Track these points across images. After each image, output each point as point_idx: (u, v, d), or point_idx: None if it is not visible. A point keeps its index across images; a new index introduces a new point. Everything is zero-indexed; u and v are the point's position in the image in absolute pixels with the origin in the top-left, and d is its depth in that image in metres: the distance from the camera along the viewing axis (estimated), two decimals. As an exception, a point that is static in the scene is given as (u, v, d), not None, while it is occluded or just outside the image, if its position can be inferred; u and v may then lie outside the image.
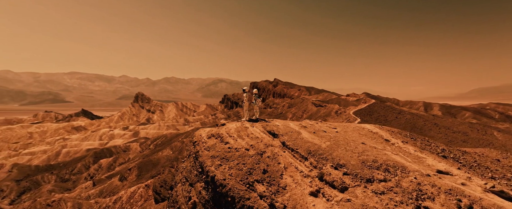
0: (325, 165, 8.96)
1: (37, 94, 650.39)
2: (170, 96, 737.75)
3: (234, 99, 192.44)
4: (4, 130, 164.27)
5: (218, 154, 10.75)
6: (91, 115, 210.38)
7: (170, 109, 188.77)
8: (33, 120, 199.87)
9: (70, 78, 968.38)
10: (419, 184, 7.55)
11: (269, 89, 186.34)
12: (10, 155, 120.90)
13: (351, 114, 64.35)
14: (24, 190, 73.04)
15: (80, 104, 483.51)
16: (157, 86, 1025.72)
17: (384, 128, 14.06)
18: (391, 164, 8.66)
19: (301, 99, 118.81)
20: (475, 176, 9.17)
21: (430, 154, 10.76)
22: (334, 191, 7.92)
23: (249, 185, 9.04)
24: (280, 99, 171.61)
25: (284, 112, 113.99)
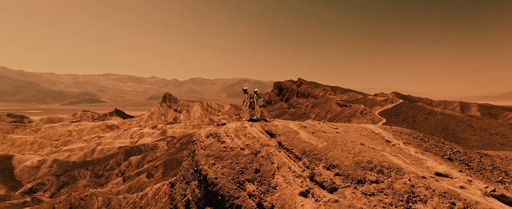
0: (318, 165, 8.95)
1: (76, 95, 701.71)
2: (196, 96, 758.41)
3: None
4: (47, 128, 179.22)
5: (213, 153, 10.86)
6: (123, 115, 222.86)
7: (195, 109, 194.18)
8: (72, 119, 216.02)
9: (105, 79, 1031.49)
10: (413, 186, 7.42)
11: (293, 89, 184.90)
12: (52, 151, 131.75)
13: (376, 115, 61.96)
14: (62, 184, 79.26)
15: (114, 104, 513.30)
16: (184, 87, 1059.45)
17: (390, 128, 13.77)
18: (386, 166, 8.54)
19: (325, 99, 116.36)
20: (478, 179, 8.83)
21: (433, 156, 10.44)
22: (324, 191, 7.91)
23: (240, 184, 9.12)
24: (304, 99, 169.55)
25: (307, 112, 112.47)
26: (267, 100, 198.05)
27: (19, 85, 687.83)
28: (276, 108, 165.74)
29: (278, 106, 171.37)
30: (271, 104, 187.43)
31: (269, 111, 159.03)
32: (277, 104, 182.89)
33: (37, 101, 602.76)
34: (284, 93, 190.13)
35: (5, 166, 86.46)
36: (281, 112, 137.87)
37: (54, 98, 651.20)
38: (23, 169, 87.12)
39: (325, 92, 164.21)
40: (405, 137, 12.74)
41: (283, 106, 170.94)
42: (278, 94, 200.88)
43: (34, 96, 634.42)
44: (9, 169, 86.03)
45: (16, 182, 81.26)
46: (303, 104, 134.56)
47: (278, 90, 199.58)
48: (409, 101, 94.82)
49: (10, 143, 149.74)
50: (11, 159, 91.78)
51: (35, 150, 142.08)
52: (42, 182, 78.72)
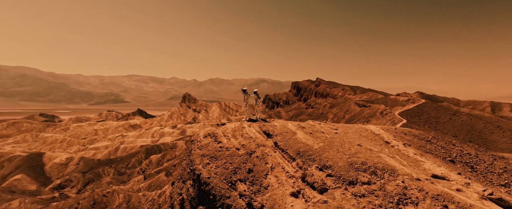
0: (311, 166, 8.92)
1: (102, 95, 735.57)
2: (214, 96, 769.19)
3: (275, 99, 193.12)
4: (75, 127, 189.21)
5: (208, 153, 10.99)
6: (145, 114, 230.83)
7: (214, 109, 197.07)
8: (98, 118, 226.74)
9: (129, 80, 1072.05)
10: (406, 188, 7.31)
11: (311, 88, 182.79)
12: (79, 149, 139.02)
13: (396, 115, 59.71)
14: (88, 181, 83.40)
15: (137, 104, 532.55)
16: (203, 87, 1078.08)
17: (393, 129, 13.51)
18: (380, 167, 8.44)
19: (343, 99, 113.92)
20: (478, 182, 8.59)
21: (434, 157, 10.19)
22: (314, 192, 7.92)
23: (231, 184, 9.18)
24: (322, 99, 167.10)
25: (325, 112, 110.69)
26: (285, 100, 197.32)
27: (51, 86, 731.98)
28: (293, 108, 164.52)
29: (295, 106, 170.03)
30: (288, 104, 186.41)
31: (286, 111, 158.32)
32: (294, 104, 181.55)
33: (67, 101, 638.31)
34: (302, 93, 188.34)
35: (36, 163, 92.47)
36: (298, 112, 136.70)
37: (81, 98, 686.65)
38: (52, 166, 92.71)
39: (344, 92, 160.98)
40: (408, 138, 12.48)
41: (301, 106, 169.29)
42: (295, 94, 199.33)
43: (63, 96, 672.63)
44: (40, 166, 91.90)
45: (46, 178, 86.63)
46: (321, 104, 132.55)
47: (296, 90, 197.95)
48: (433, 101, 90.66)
49: (42, 141, 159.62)
50: (42, 157, 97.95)
51: (64, 148, 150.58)
52: (70, 179, 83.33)
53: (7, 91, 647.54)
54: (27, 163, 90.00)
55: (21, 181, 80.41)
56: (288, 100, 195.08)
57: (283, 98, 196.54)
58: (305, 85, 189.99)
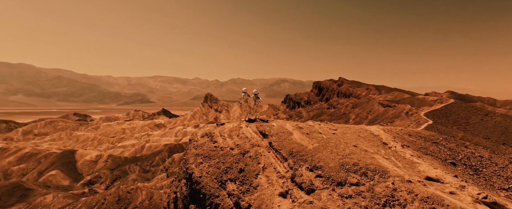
0: (301, 166, 8.94)
1: (129, 96, 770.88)
2: (236, 96, 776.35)
3: (296, 99, 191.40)
4: (105, 126, 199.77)
5: (203, 152, 11.17)
6: (169, 114, 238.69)
7: (235, 109, 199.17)
8: (126, 118, 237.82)
9: (154, 81, 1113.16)
10: (395, 190, 7.23)
11: (333, 88, 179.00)
12: (108, 147, 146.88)
13: (422, 116, 56.83)
14: (115, 177, 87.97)
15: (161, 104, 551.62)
16: (224, 87, 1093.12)
17: (396, 130, 13.22)
18: (371, 168, 8.36)
19: (367, 99, 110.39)
20: (476, 185, 8.33)
21: (432, 159, 9.90)
22: (301, 192, 7.96)
23: (221, 183, 9.32)
24: (345, 99, 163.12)
25: (347, 112, 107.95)
26: (306, 100, 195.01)
27: (83, 87, 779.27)
28: (315, 108, 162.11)
29: (317, 106, 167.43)
30: (310, 104, 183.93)
31: (307, 112, 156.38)
32: (316, 104, 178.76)
33: (98, 102, 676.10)
34: (324, 93, 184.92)
35: (69, 160, 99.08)
36: (319, 112, 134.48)
37: (111, 98, 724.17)
38: (83, 162, 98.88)
39: (368, 92, 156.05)
40: (412, 139, 12.16)
41: (323, 106, 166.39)
42: (317, 94, 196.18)
43: (95, 97, 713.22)
44: (72, 162, 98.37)
45: (78, 174, 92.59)
46: (344, 104, 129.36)
47: (318, 89, 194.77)
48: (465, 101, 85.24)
49: (75, 139, 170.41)
50: (74, 154, 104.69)
51: (95, 146, 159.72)
52: (99, 175, 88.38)
53: (45, 92, 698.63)
54: (61, 160, 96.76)
55: (56, 176, 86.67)
56: (309, 100, 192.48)
57: (304, 98, 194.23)
58: (327, 84, 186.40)
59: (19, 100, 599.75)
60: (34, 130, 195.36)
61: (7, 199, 57.13)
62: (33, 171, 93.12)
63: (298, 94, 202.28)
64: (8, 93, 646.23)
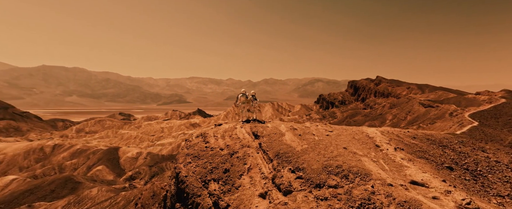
0: (285, 167, 8.97)
1: (168, 96, 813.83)
2: (268, 97, 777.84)
3: (330, 99, 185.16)
4: (146, 125, 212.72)
5: (193, 152, 11.34)
6: (204, 114, 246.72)
7: (267, 109, 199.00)
8: (165, 117, 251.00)
9: (190, 82, 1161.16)
10: (373, 193, 7.17)
11: (370, 88, 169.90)
12: (148, 145, 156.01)
13: (466, 117, 50.75)
14: (153, 174, 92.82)
15: (197, 104, 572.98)
16: (257, 87, 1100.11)
17: (396, 132, 12.92)
18: (354, 171, 8.26)
19: (406, 98, 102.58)
20: (463, 190, 7.98)
21: (426, 163, 9.59)
22: (279, 194, 8.08)
23: (205, 183, 9.51)
24: (383, 99, 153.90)
25: (383, 113, 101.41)
26: (340, 100, 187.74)
27: (128, 89, 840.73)
28: (349, 108, 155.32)
29: (352, 107, 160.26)
30: (344, 104, 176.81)
31: (342, 112, 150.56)
32: (351, 104, 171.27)
33: (140, 102, 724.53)
34: (360, 92, 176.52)
35: (113, 156, 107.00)
36: (354, 112, 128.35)
37: (152, 99, 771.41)
38: (126, 159, 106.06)
39: (409, 91, 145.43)
40: (414, 142, 11.80)
41: (359, 106, 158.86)
42: (353, 93, 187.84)
43: (138, 97, 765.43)
44: (116, 159, 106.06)
45: (121, 170, 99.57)
46: (381, 105, 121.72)
47: (353, 89, 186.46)
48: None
49: (120, 137, 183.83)
50: (118, 151, 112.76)
51: (137, 143, 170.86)
52: (139, 171, 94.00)
53: (95, 93, 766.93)
54: (107, 156, 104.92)
55: (102, 171, 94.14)
56: (344, 100, 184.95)
57: (338, 98, 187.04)
58: (363, 84, 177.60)
59: (74, 100, 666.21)
60: (86, 128, 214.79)
61: (60, 191, 63.22)
62: (83, 166, 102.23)
63: (332, 94, 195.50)
64: (64, 94, 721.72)
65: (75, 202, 52.38)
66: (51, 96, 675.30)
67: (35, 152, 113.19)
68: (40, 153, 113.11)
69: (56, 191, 62.94)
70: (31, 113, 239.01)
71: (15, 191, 64.36)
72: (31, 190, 63.35)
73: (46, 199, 59.54)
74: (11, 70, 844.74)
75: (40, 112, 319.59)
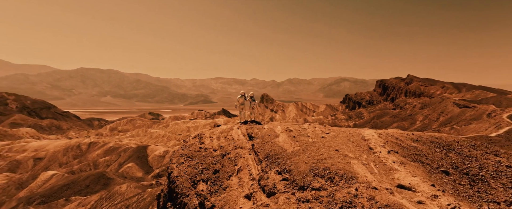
0: (272, 169, 8.98)
1: (194, 96, 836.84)
2: (292, 97, 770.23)
3: (356, 99, 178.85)
4: (173, 124, 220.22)
5: (187, 153, 11.43)
6: (228, 114, 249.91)
7: (290, 109, 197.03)
8: (191, 117, 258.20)
9: (215, 83, 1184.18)
10: (356, 197, 7.17)
11: (400, 87, 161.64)
12: (175, 144, 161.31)
13: (504, 118, 46.26)
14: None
15: (221, 104, 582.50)
16: (281, 87, 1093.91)
17: (396, 134, 12.62)
18: (340, 173, 8.20)
19: (439, 98, 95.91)
20: (452, 195, 7.73)
21: (420, 167, 9.28)
22: (263, 195, 8.09)
23: (194, 183, 9.58)
24: (414, 99, 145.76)
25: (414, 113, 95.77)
26: (368, 100, 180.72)
27: (157, 89, 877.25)
28: (377, 108, 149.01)
29: (380, 107, 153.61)
30: (372, 104, 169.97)
31: (369, 112, 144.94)
32: (379, 104, 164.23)
33: (168, 102, 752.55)
34: (389, 92, 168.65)
35: (142, 154, 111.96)
36: (381, 113, 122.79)
37: (179, 99, 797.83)
38: (153, 157, 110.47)
39: (443, 90, 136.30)
40: (414, 145, 11.57)
41: (387, 106, 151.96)
42: (381, 93, 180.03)
43: (166, 98, 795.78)
44: (145, 156, 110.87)
45: (149, 167, 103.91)
46: (411, 105, 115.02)
47: (382, 88, 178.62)
48: None
49: (149, 136, 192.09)
50: (147, 149, 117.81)
51: (164, 142, 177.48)
52: (165, 169, 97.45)
53: (127, 94, 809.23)
54: (136, 154, 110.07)
55: (132, 168, 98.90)
56: (371, 100, 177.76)
57: (365, 98, 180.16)
58: (392, 83, 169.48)
59: (108, 101, 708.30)
60: (118, 127, 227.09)
61: (94, 186, 67.37)
62: (115, 163, 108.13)
63: (359, 94, 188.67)
64: (100, 95, 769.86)
65: (106, 197, 55.40)
66: (88, 97, 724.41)
67: (73, 149, 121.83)
68: (77, 150, 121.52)
69: (90, 186, 67.16)
70: (71, 113, 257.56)
71: (55, 185, 69.70)
72: (69, 184, 68.19)
73: (81, 193, 63.76)
74: (54, 72, 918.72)
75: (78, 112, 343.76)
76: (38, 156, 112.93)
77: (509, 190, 9.19)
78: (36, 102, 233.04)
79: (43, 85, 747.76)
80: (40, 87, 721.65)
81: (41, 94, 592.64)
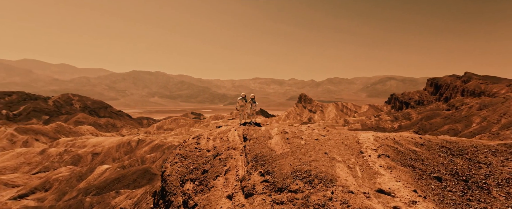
0: (256, 170, 9.04)
1: (233, 96, 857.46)
2: (332, 97, 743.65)
3: (404, 99, 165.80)
4: (213, 124, 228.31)
5: (182, 153, 11.69)
6: (266, 114, 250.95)
7: (330, 110, 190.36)
8: (229, 116, 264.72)
9: (254, 83, 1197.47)
10: (330, 200, 7.18)
11: (456, 86, 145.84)
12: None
13: None
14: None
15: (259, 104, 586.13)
16: (320, 87, 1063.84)
17: (398, 137, 12.19)
18: (321, 176, 8.15)
19: (503, 98, 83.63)
20: (434, 202, 7.43)
21: (409, 171, 8.99)
22: (242, 196, 8.20)
23: (182, 182, 9.74)
24: (473, 98, 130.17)
25: (469, 115, 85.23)
26: (417, 100, 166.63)
27: (199, 90, 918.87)
28: (428, 109, 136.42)
29: (431, 107, 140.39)
30: (422, 104, 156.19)
31: (418, 113, 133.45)
32: (431, 104, 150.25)
33: (209, 102, 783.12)
34: (442, 91, 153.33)
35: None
36: (431, 114, 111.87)
37: (219, 99, 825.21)
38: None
39: (510, 89, 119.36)
40: (415, 149, 11.38)
41: (440, 107, 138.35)
42: (433, 92, 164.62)
43: (207, 98, 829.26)
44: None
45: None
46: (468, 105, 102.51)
47: (434, 88, 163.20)
48: None
49: (191, 134, 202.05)
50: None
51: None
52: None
53: (172, 94, 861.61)
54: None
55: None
56: (421, 99, 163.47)
57: (414, 98, 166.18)
58: (447, 81, 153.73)
59: (156, 101, 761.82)
60: (164, 126, 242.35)
61: (140, 180, 72.75)
62: (160, 159, 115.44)
63: (406, 93, 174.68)
64: (149, 95, 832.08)
65: (150, 191, 59.46)
66: (138, 97, 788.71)
67: (124, 146, 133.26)
68: (127, 147, 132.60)
69: (137, 180, 72.67)
70: (124, 112, 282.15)
71: (108, 178, 76.82)
72: (119, 178, 74.63)
73: (129, 187, 69.32)
74: (110, 75, 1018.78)
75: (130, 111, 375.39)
76: (95, 151, 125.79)
77: (510, 201, 8.68)
78: (96, 102, 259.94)
79: (102, 87, 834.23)
80: (99, 88, 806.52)
81: (99, 95, 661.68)
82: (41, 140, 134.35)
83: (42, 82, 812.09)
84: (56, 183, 75.92)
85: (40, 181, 75.27)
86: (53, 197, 65.40)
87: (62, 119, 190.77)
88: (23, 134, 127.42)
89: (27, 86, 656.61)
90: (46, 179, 76.62)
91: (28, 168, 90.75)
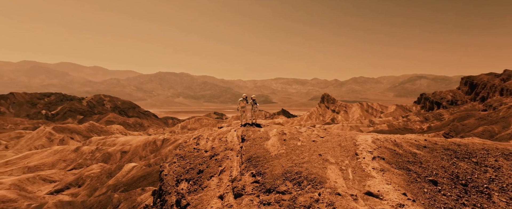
0: (249, 171, 9.03)
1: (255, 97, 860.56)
2: (357, 96, 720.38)
3: (435, 99, 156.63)
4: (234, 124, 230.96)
5: (181, 153, 11.73)
6: (288, 114, 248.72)
7: (354, 110, 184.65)
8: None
9: (275, 83, 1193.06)
10: (316, 201, 7.19)
11: (494, 84, 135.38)
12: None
13: None
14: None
15: (281, 104, 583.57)
16: (344, 87, 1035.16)
17: (401, 139, 11.93)
18: (310, 178, 8.12)
19: (549, 98, 75.65)
20: (422, 206, 7.26)
21: (403, 174, 8.70)
22: (231, 197, 8.25)
23: (177, 182, 9.79)
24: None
25: (507, 116, 78.25)
26: (450, 99, 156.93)
27: (221, 90, 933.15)
28: (462, 109, 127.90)
29: (466, 108, 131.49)
30: (456, 104, 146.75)
31: (451, 114, 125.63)
32: (465, 104, 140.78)
33: (231, 102, 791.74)
34: (478, 90, 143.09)
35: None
36: (465, 114, 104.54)
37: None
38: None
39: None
40: (415, 151, 11.20)
41: (476, 107, 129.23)
42: (468, 92, 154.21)
43: (229, 98, 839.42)
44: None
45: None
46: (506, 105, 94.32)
47: (469, 87, 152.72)
48: None
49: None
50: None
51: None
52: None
53: (195, 95, 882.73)
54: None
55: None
56: (455, 99, 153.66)
57: (447, 98, 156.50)
58: (483, 80, 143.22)
59: (180, 101, 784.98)
60: (188, 125, 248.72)
61: (164, 178, 75.35)
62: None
63: (438, 93, 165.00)
64: (173, 96, 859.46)
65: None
66: (164, 98, 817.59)
67: (150, 145, 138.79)
68: (153, 146, 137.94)
69: (161, 178, 75.39)
70: (151, 112, 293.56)
71: (135, 176, 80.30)
72: (145, 176, 77.70)
73: (154, 184, 71.89)
74: (138, 76, 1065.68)
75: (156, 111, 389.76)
76: (124, 149, 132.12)
77: (500, 203, 8.56)
78: (125, 102, 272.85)
79: (130, 88, 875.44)
80: (128, 89, 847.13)
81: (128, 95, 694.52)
82: (76, 138, 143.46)
83: (77, 84, 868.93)
84: (88, 180, 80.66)
85: (74, 177, 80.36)
86: (85, 192, 69.52)
87: (95, 118, 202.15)
88: (60, 133, 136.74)
89: (64, 87, 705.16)
90: (79, 175, 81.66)
91: (63, 165, 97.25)
